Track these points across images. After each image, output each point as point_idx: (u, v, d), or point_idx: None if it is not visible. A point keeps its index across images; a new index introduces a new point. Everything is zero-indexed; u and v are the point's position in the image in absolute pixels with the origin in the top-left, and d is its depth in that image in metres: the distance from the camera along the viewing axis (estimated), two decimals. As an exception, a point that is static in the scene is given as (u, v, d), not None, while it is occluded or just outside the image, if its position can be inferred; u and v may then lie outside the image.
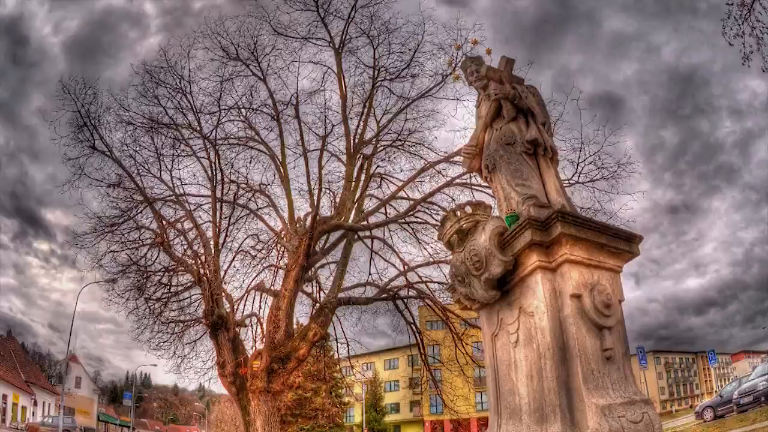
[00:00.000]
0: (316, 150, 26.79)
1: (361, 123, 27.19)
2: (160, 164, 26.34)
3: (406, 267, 27.51)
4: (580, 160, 23.09)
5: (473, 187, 24.80)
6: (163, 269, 27.33)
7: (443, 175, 26.96)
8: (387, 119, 27.91)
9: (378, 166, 28.90)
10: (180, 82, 25.55)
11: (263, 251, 29.64)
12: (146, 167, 26.14)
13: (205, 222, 26.92)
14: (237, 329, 25.44)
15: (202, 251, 25.59)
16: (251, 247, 29.45)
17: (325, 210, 26.94)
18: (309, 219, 24.52)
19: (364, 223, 27.37)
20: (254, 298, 28.92)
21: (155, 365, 73.25)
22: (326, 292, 27.23)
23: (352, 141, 26.64)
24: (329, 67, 27.29)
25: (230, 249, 28.24)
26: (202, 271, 24.85)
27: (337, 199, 27.14)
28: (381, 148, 28.47)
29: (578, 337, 6.95)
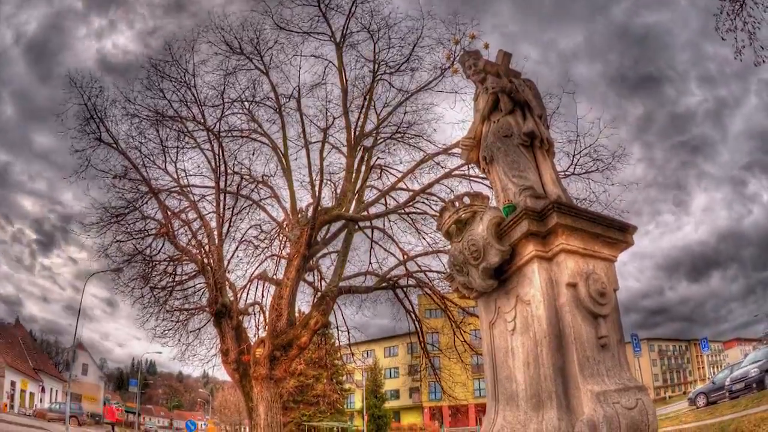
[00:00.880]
0: (318, 142, 26.91)
1: (362, 116, 27.19)
2: (165, 156, 26.43)
3: (405, 256, 27.58)
4: (575, 152, 23.11)
5: (471, 178, 24.84)
6: (168, 259, 27.37)
7: (442, 167, 27.06)
8: (387, 112, 27.95)
9: (378, 158, 28.98)
10: (184, 76, 25.56)
11: (266, 241, 29.72)
12: (151, 159, 26.22)
13: (209, 212, 27.02)
14: (240, 317, 25.49)
15: (206, 241, 25.62)
16: (254, 237, 29.55)
17: (327, 201, 27.03)
18: (310, 209, 24.54)
19: (365, 213, 27.42)
20: (257, 287, 29.11)
21: (160, 353, 73.38)
22: (327, 281, 27.28)
23: (352, 133, 26.65)
24: (330, 61, 27.34)
25: (233, 239, 28.35)
26: (206, 260, 24.87)
27: (338, 190, 27.15)
28: (381, 140, 28.52)
29: (574, 325, 6.96)
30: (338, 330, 29.94)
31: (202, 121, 25.67)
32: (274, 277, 27.59)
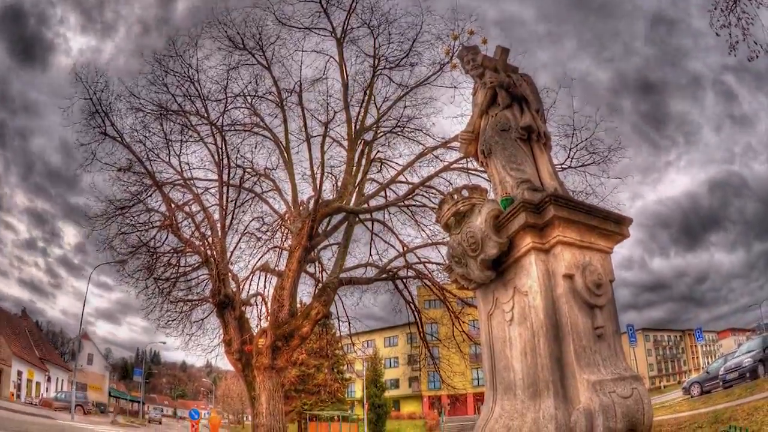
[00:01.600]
0: (319, 136, 26.92)
1: (362, 110, 27.23)
2: (169, 149, 26.46)
3: (405, 248, 27.63)
4: (572, 146, 23.16)
5: (470, 171, 24.85)
6: (172, 250, 27.40)
7: (441, 160, 27.12)
8: (387, 106, 28.00)
9: (378, 152, 29.01)
10: (188, 71, 25.59)
11: (268, 233, 29.85)
12: (156, 152, 26.24)
13: (212, 205, 27.09)
14: (243, 308, 25.55)
15: (210, 233, 25.67)
16: (256, 229, 29.69)
17: (328, 193, 27.08)
18: (312, 202, 24.56)
19: (365, 206, 27.44)
20: (259, 279, 29.30)
21: (164, 343, 73.42)
22: (328, 272, 27.32)
23: (353, 127, 26.70)
24: (331, 56, 27.36)
25: (236, 231, 28.50)
26: (209, 252, 24.93)
27: (339, 183, 27.19)
28: (381, 134, 28.54)
29: (570, 315, 6.98)
30: (339, 320, 30.03)
31: (206, 115, 25.71)
32: (276, 268, 27.67)
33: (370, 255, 29.63)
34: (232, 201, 26.57)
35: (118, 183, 25.89)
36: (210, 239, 25.41)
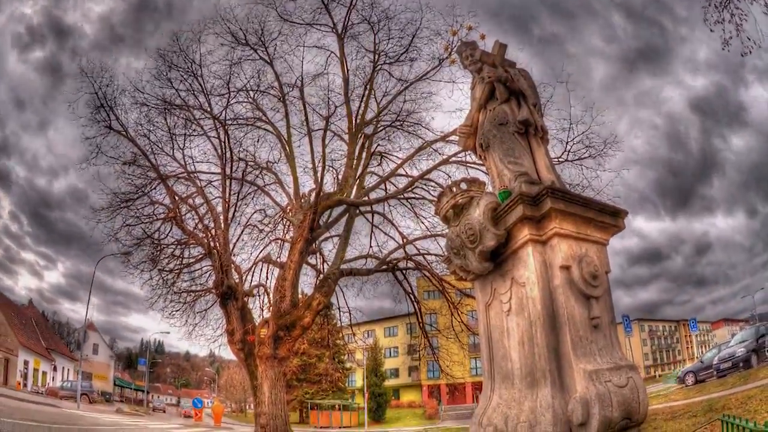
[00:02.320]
0: (320, 130, 26.94)
1: (363, 104, 27.24)
2: (172, 143, 26.55)
3: (404, 240, 27.64)
4: (568, 139, 23.19)
5: (468, 164, 24.88)
6: (176, 242, 27.49)
7: (440, 154, 27.15)
8: (387, 101, 27.99)
9: (378, 145, 29.03)
10: (192, 66, 25.67)
11: (270, 225, 29.96)
12: (160, 146, 26.32)
13: (215, 198, 27.10)
14: (245, 299, 25.58)
15: (213, 225, 25.71)
16: (259, 221, 29.83)
17: (329, 186, 27.09)
18: (313, 195, 24.59)
19: (365, 198, 27.46)
20: (261, 270, 29.39)
21: (168, 333, 73.65)
22: (329, 263, 27.41)
23: (353, 121, 26.70)
24: (332, 52, 27.38)
25: (239, 223, 28.63)
26: (212, 244, 24.96)
27: (340, 176, 27.22)
28: (381, 128, 28.55)
29: (567, 306, 6.99)
30: (340, 311, 30.17)
31: (209, 109, 25.80)
32: (278, 260, 27.76)
33: (371, 247, 29.77)
34: (234, 194, 26.72)
35: (123, 176, 25.97)
36: (213, 231, 25.45)
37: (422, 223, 28.23)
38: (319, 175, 24.90)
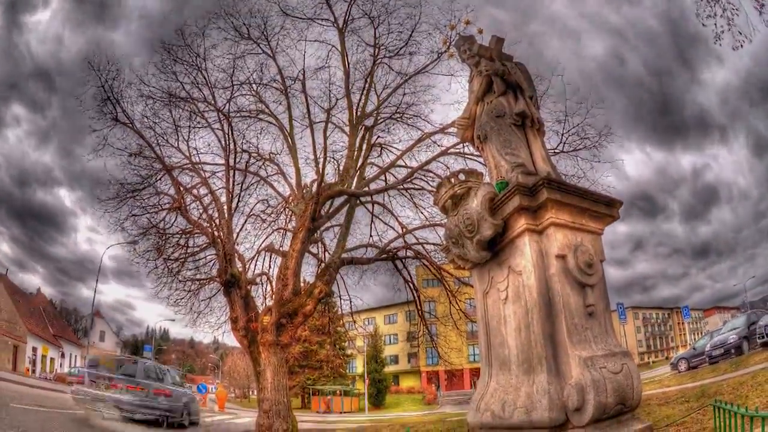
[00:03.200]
0: (322, 122, 26.93)
1: (363, 97, 27.23)
2: (177, 135, 26.52)
3: (404, 230, 27.67)
4: (564, 131, 23.21)
5: (466, 155, 24.87)
6: (181, 232, 27.50)
7: (438, 145, 27.11)
8: (387, 93, 28.00)
9: (378, 137, 29.01)
10: (196, 60, 25.64)
11: (272, 215, 29.97)
12: (165, 138, 26.27)
13: (219, 188, 27.08)
14: (248, 287, 25.59)
15: (217, 215, 25.72)
16: (261, 211, 29.84)
17: (330, 177, 27.06)
18: (315, 185, 24.57)
19: (366, 189, 27.45)
20: (264, 259, 29.50)
21: (173, 320, 73.71)
22: (331, 252, 27.39)
23: (354, 113, 26.70)
24: (333, 46, 27.36)
25: (242, 213, 28.59)
26: (216, 233, 24.97)
27: (341, 167, 27.21)
28: (381, 120, 28.55)
29: (563, 294, 7.02)
30: (341, 299, 30.15)
31: (213, 102, 25.76)
32: (281, 249, 27.78)
33: (371, 236, 29.76)
34: (238, 184, 26.69)
35: (129, 167, 25.99)
36: (217, 221, 25.47)
37: (421, 213, 28.27)
38: (320, 166, 24.92)
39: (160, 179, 26.52)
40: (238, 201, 26.79)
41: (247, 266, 27.24)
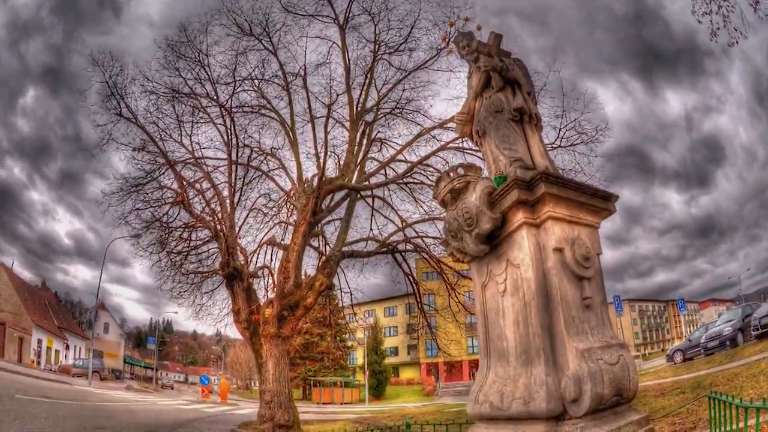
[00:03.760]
0: (322, 117, 26.88)
1: (363, 92, 27.24)
2: (180, 130, 26.59)
3: (404, 223, 27.70)
4: (561, 126, 23.26)
5: (465, 150, 24.93)
6: (184, 225, 27.59)
7: (438, 140, 27.15)
8: (387, 89, 28.02)
9: (378, 132, 29.04)
10: (199, 56, 25.67)
11: (274, 209, 30.08)
12: (168, 133, 26.35)
13: (222, 182, 27.15)
14: (250, 280, 25.68)
15: (219, 209, 25.77)
16: (263, 205, 29.96)
17: (331, 171, 27.13)
18: (316, 180, 24.59)
19: (366, 183, 27.49)
20: (266, 252, 29.50)
21: (176, 312, 74.03)
22: (331, 246, 27.43)
23: (355, 109, 26.72)
24: (334, 42, 27.37)
25: (244, 207, 28.72)
26: (218, 227, 25.05)
27: (341, 162, 27.24)
28: (381, 115, 28.59)
29: (560, 286, 7.02)
30: (341, 291, 30.30)
31: (215, 97, 25.81)
32: (282, 242, 27.83)
33: (371, 230, 29.81)
34: (240, 179, 26.87)
35: (132, 162, 26.11)
36: (219, 215, 25.53)
37: (421, 206, 28.34)
38: (321, 160, 24.93)
39: (163, 173, 26.65)
40: (240, 195, 26.95)
41: (249, 259, 27.36)
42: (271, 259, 29.29)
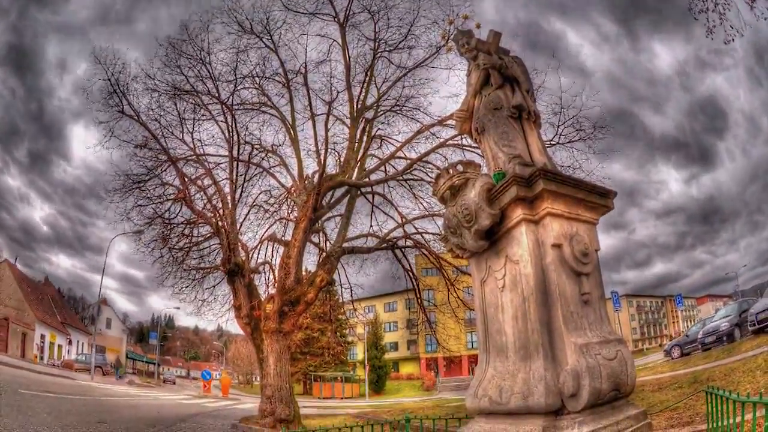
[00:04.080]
0: (323, 114, 26.93)
1: (363, 90, 27.30)
2: (182, 127, 26.63)
3: (403, 220, 27.73)
4: (560, 123, 23.29)
5: (464, 147, 24.94)
6: (185, 222, 27.62)
7: (437, 137, 27.22)
8: (386, 86, 28.07)
9: (378, 129, 29.09)
10: (200, 54, 25.73)
11: (275, 205, 30.11)
12: (170, 130, 26.40)
13: (223, 179, 27.21)
14: (251, 276, 25.74)
15: (220, 205, 25.81)
16: (264, 201, 29.99)
17: (331, 168, 27.19)
18: (316, 176, 24.64)
19: (366, 180, 27.52)
20: (267, 248, 29.68)
21: (178, 308, 73.97)
22: (332, 242, 27.50)
23: (355, 106, 26.78)
24: (334, 40, 27.42)
25: (245, 203, 28.82)
26: (220, 223, 25.09)
27: (342, 159, 27.29)
28: (381, 112, 28.61)
29: (559, 282, 7.02)
30: (342, 287, 30.36)
31: (217, 95, 25.87)
32: (283, 238, 27.92)
33: (371, 226, 29.89)
34: (241, 175, 26.93)
35: (135, 159, 26.14)
36: (221, 211, 25.58)
37: (420, 203, 28.40)
38: (321, 157, 24.98)
39: (165, 170, 26.72)
40: (242, 192, 27.05)
41: (250, 255, 27.49)
42: (272, 255, 29.48)
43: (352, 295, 30.38)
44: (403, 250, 27.61)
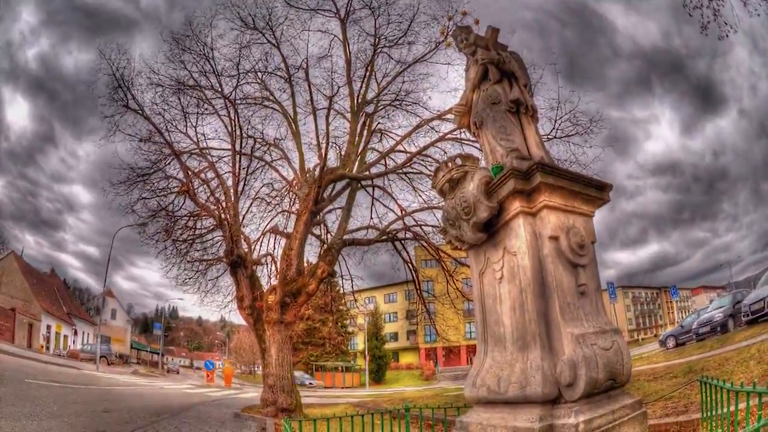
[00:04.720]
0: (324, 109, 26.96)
1: (364, 85, 27.31)
2: (186, 121, 26.67)
3: (403, 212, 27.76)
4: (557, 118, 23.31)
5: (463, 141, 24.96)
6: (189, 214, 27.66)
7: (436, 131, 27.25)
8: (387, 81, 28.07)
9: (378, 123, 29.08)
10: (203, 49, 25.77)
11: (277, 198, 30.16)
12: (174, 124, 26.46)
13: (226, 172, 27.21)
14: (254, 267, 25.75)
15: (223, 198, 25.83)
16: (266, 194, 30.03)
17: (332, 162, 27.16)
18: (317, 170, 24.63)
19: (366, 173, 27.55)
20: (269, 240, 29.85)
21: (182, 299, 74.00)
22: (333, 234, 27.49)
23: (355, 100, 26.78)
24: (335, 35, 27.46)
25: (248, 196, 28.86)
26: (223, 215, 25.10)
27: (342, 152, 27.29)
28: (381, 107, 28.64)
29: (556, 274, 7.02)
30: (342, 278, 30.50)
31: (220, 89, 25.91)
32: (285, 230, 27.95)
33: (371, 218, 29.91)
34: (244, 169, 26.95)
35: (139, 152, 26.16)
36: (224, 204, 25.61)
37: (420, 196, 28.43)
38: (323, 151, 24.91)
39: (169, 164, 26.77)
40: (244, 185, 27.13)
41: (252, 247, 27.53)
42: (274, 247, 29.53)
43: (352, 287, 30.46)
44: (402, 242, 27.64)
